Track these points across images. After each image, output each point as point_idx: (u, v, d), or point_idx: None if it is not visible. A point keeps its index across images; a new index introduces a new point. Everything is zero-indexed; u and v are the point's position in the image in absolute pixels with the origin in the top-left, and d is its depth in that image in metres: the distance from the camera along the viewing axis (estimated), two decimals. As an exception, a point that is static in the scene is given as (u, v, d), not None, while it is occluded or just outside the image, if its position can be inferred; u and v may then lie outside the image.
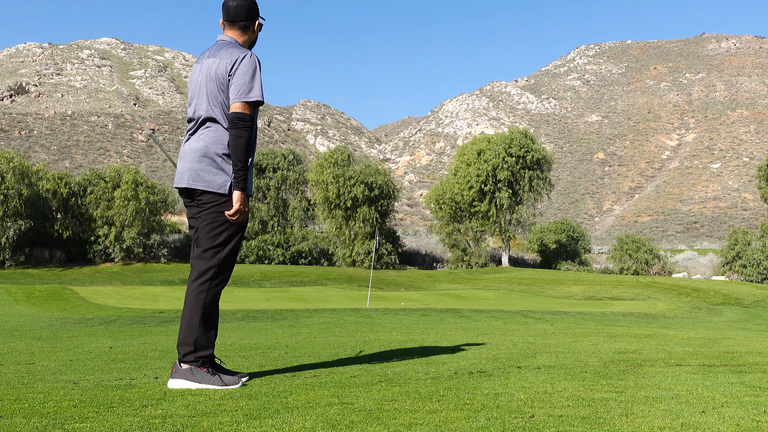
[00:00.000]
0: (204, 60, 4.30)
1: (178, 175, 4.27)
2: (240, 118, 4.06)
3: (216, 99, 4.16)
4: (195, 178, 4.16)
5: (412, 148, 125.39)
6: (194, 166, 4.17)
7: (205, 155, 4.16)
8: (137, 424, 2.89)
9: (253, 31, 4.39)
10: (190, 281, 4.15)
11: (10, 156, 44.55)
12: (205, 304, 4.09)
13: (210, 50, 4.34)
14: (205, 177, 4.15)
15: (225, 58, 4.17)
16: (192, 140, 4.25)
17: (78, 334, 9.95)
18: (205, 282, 4.11)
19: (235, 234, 4.19)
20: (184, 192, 4.28)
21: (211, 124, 4.19)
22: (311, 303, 21.38)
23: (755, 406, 3.19)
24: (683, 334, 9.08)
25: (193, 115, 4.25)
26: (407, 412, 3.09)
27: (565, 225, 61.35)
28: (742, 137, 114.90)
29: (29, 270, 41.59)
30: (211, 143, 4.17)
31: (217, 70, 4.16)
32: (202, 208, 4.20)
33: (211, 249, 4.14)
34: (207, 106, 4.18)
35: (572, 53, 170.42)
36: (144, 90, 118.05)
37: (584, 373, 4.43)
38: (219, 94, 4.16)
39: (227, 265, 4.18)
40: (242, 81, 4.10)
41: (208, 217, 4.17)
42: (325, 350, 6.28)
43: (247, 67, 4.13)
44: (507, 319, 14.60)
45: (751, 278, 47.59)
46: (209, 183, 4.14)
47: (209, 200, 4.16)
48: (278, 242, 49.70)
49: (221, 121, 4.16)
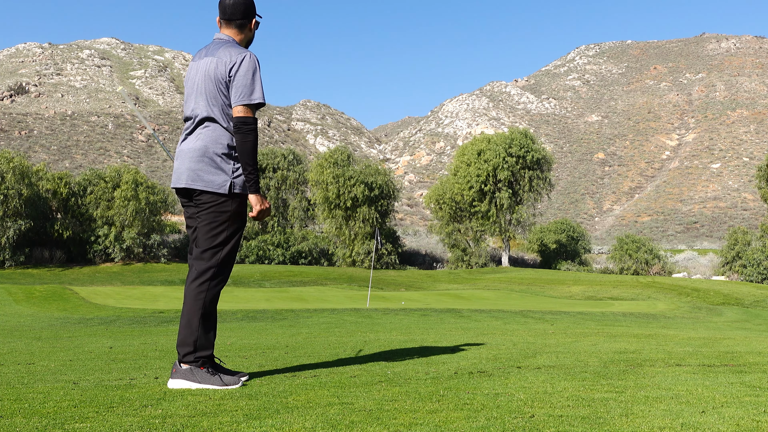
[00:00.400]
0: (201, 59, 4.25)
1: (176, 175, 4.22)
2: (244, 122, 4.04)
3: (215, 99, 4.12)
4: (194, 178, 4.12)
5: (412, 148, 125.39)
6: (193, 166, 4.13)
7: (204, 155, 4.12)
8: (137, 424, 2.89)
9: (250, 30, 4.35)
10: (189, 281, 4.12)
11: (10, 156, 44.55)
12: (204, 304, 4.06)
13: (207, 48, 4.29)
14: (204, 177, 4.10)
15: (224, 58, 4.12)
16: (190, 139, 4.21)
17: (78, 334, 9.95)
18: (205, 282, 4.08)
19: (234, 234, 4.16)
20: (182, 192, 4.24)
21: (209, 124, 4.15)
22: (311, 303, 21.37)
23: (755, 406, 3.19)
24: (683, 334, 9.08)
25: (191, 114, 4.21)
26: (407, 412, 3.09)
27: (565, 225, 61.35)
28: (742, 137, 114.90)
29: (29, 270, 41.59)
30: (210, 143, 4.13)
31: (216, 70, 4.12)
32: (201, 208, 4.16)
33: (210, 249, 4.11)
34: (205, 105, 4.14)
35: (572, 53, 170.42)
36: (144, 90, 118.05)
37: (584, 373, 4.43)
38: (218, 93, 4.12)
39: (226, 265, 4.16)
40: (243, 83, 4.07)
41: (207, 217, 4.14)
42: (325, 350, 6.28)
43: (248, 69, 4.09)
44: (507, 319, 14.60)
45: (751, 278, 47.59)
46: (208, 183, 4.10)
47: (208, 200, 4.12)
48: (278, 242, 49.71)
49: (220, 121, 4.13)
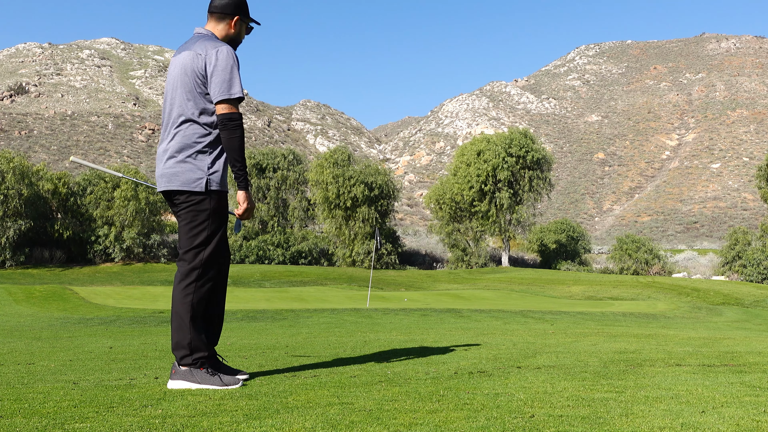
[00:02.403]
0: (180, 53, 4.14)
1: (157, 179, 4.13)
2: (229, 119, 3.94)
3: (191, 93, 4.02)
4: (170, 179, 4.04)
5: (412, 148, 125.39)
6: (168, 167, 4.04)
7: (179, 154, 4.02)
8: (137, 424, 2.89)
9: (230, 27, 4.20)
10: (175, 284, 4.04)
11: (10, 156, 44.58)
12: (192, 306, 3.96)
13: (186, 43, 4.19)
14: (179, 176, 4.01)
15: (201, 51, 4.02)
16: (166, 140, 4.11)
17: (78, 334, 9.94)
18: (190, 284, 3.98)
19: (215, 233, 4.04)
20: (166, 195, 4.14)
21: (185, 121, 4.04)
22: (311, 303, 21.36)
23: (755, 406, 3.19)
24: (683, 334, 9.08)
25: (168, 113, 4.12)
26: (407, 412, 3.09)
27: (565, 225, 61.32)
28: (742, 137, 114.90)
29: (29, 270, 41.59)
30: (184, 141, 4.03)
31: (192, 64, 4.02)
32: (179, 207, 4.06)
33: (192, 250, 4.00)
34: (181, 100, 4.04)
35: (572, 53, 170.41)
36: (144, 90, 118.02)
37: (584, 373, 4.43)
38: (194, 88, 4.01)
39: (211, 265, 4.03)
40: (222, 78, 3.95)
41: (185, 217, 4.04)
42: (325, 350, 6.28)
43: (225, 63, 3.97)
44: (507, 319, 14.59)
45: (751, 278, 47.61)
46: (184, 182, 4.01)
47: (185, 199, 4.03)
48: (278, 242, 49.70)
49: (195, 118, 4.02)
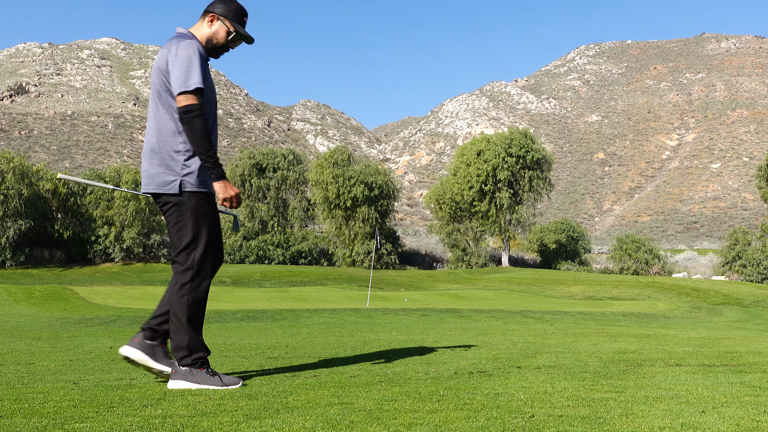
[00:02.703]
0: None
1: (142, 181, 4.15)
2: (186, 111, 3.86)
3: (159, 92, 4.00)
4: (148, 182, 4.03)
5: (412, 148, 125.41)
6: (145, 168, 4.04)
7: (154, 156, 4.01)
8: (137, 424, 2.89)
9: (207, 24, 4.12)
10: (170, 285, 4.02)
11: (10, 156, 44.61)
12: (189, 307, 3.94)
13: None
14: (156, 179, 3.99)
15: (166, 48, 4.01)
16: (147, 141, 4.10)
17: (78, 334, 9.94)
18: (185, 285, 3.95)
19: (203, 232, 3.99)
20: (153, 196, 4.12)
21: (156, 121, 4.01)
22: (311, 303, 21.36)
23: (755, 406, 3.19)
24: (683, 334, 9.08)
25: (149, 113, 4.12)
26: (407, 412, 3.09)
27: (565, 225, 61.34)
28: (742, 137, 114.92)
29: (29, 270, 41.59)
30: (157, 142, 4.00)
31: (159, 62, 4.01)
32: (163, 210, 4.06)
33: (183, 251, 3.97)
34: (153, 101, 4.04)
35: (572, 53, 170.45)
36: (144, 90, 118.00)
37: (584, 373, 4.43)
38: (161, 86, 3.98)
39: (204, 264, 3.99)
40: (180, 71, 3.88)
41: (170, 219, 4.02)
42: (325, 350, 6.28)
43: (184, 56, 3.90)
44: (507, 319, 14.59)
45: (751, 278, 47.61)
46: (160, 185, 3.98)
47: (165, 201, 4.00)
48: (278, 242, 49.71)
49: (164, 115, 3.99)
